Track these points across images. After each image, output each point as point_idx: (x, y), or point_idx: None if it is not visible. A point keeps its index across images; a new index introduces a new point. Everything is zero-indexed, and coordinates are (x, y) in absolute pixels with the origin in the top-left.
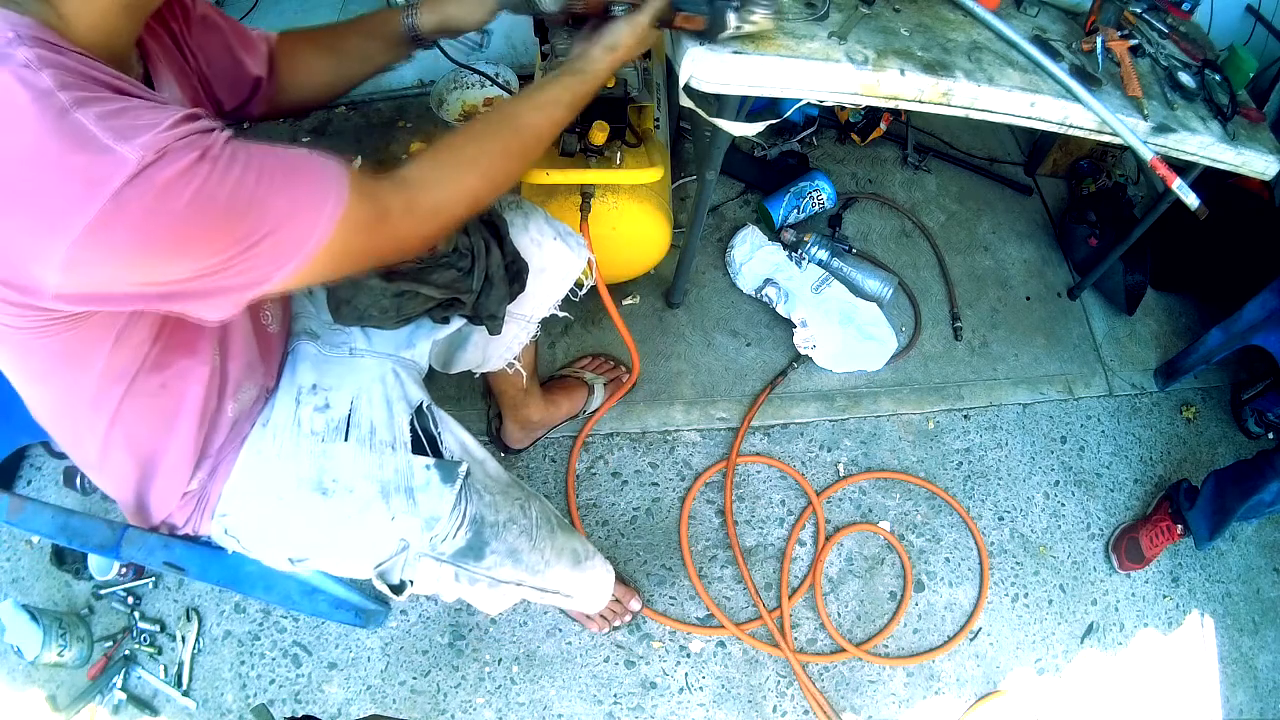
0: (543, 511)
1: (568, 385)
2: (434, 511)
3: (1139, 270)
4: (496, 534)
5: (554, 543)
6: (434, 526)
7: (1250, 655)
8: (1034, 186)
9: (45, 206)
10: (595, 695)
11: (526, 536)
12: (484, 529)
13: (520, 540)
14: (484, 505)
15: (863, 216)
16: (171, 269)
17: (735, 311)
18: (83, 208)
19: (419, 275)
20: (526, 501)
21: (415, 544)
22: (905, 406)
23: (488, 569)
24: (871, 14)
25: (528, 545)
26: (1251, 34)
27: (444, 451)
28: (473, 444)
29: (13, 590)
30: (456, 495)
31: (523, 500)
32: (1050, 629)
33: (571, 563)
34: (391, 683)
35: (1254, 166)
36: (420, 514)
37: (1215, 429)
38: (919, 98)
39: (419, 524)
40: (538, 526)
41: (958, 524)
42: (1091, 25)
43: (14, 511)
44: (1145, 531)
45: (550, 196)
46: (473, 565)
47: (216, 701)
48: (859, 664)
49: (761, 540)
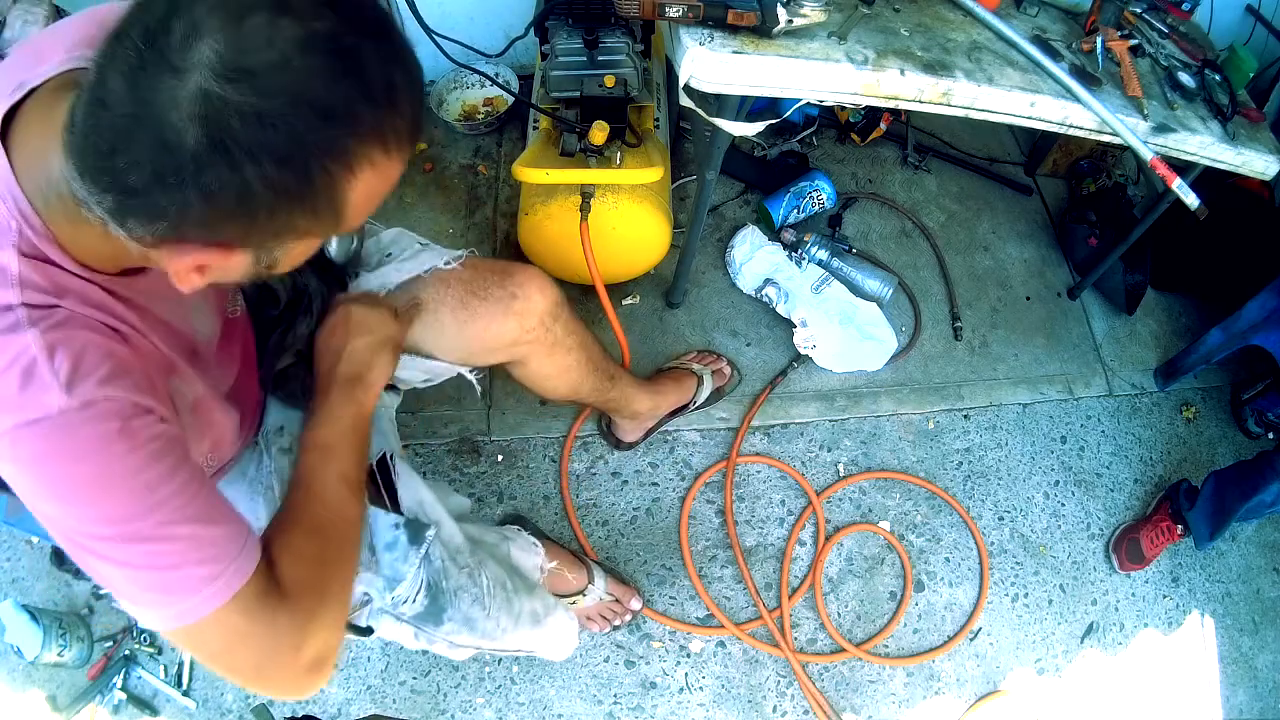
0: (496, 577)
1: (676, 375)
2: (397, 572)
3: (1139, 270)
4: (451, 602)
5: (510, 610)
6: (395, 587)
7: (1250, 655)
8: (1034, 186)
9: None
10: (595, 695)
11: (480, 605)
12: (439, 595)
13: (474, 609)
14: (434, 572)
15: (863, 216)
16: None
17: (735, 311)
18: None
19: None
20: (477, 569)
21: (376, 600)
22: (905, 406)
23: (446, 634)
24: (871, 14)
25: (482, 614)
26: (1251, 34)
27: (402, 508)
28: (430, 502)
29: (13, 590)
30: (421, 558)
31: (472, 568)
32: (1050, 629)
33: (531, 624)
34: (391, 683)
35: (1254, 166)
36: (382, 572)
37: (1215, 429)
38: (919, 98)
39: (380, 582)
40: (490, 595)
41: (958, 524)
42: (1091, 25)
43: (13, 511)
44: (1146, 532)
45: (550, 196)
46: (432, 629)
47: (216, 701)
48: (859, 664)
49: (761, 540)
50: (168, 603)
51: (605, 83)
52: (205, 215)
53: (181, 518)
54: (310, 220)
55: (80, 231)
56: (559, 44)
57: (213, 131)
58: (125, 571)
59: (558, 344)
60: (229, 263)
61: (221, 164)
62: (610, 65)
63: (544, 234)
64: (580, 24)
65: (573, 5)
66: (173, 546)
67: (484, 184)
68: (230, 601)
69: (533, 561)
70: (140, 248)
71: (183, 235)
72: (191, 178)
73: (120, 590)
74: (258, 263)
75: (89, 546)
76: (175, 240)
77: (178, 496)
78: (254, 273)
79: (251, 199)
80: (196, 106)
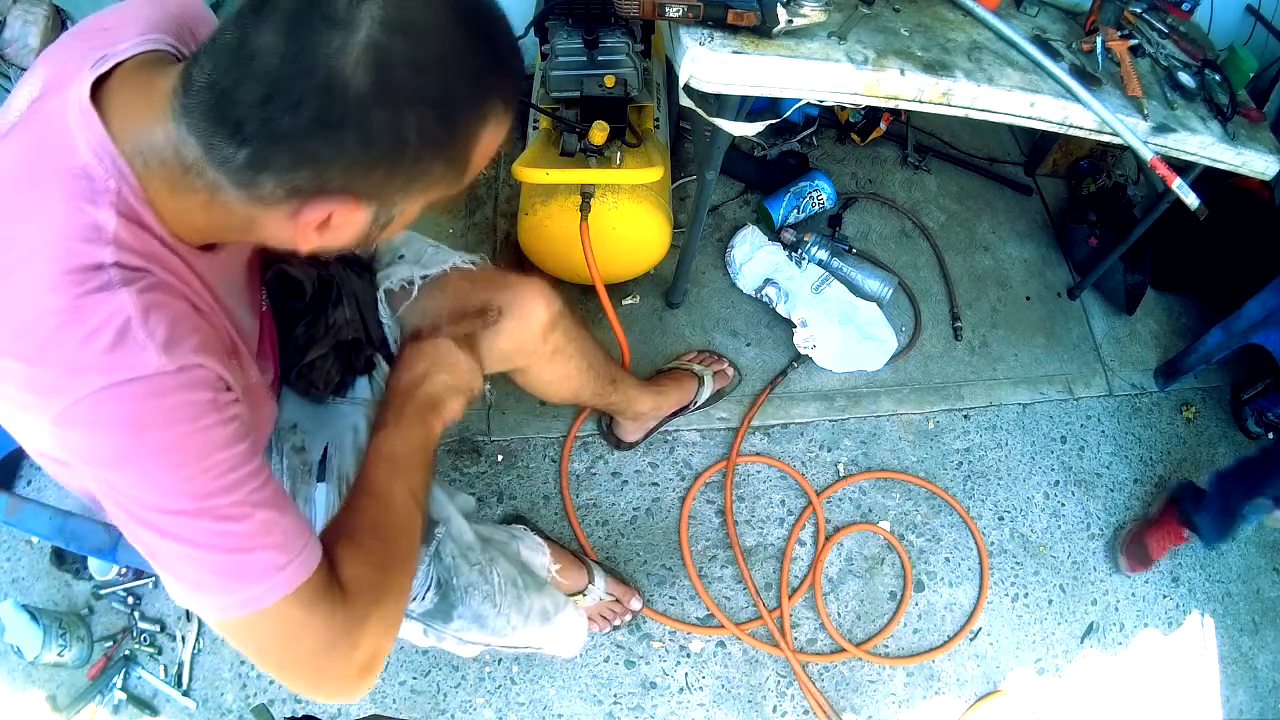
0: (507, 574)
1: (677, 376)
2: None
3: (1139, 270)
4: (461, 599)
5: (521, 607)
6: None
7: (1250, 655)
8: (1034, 186)
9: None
10: (595, 695)
11: (490, 603)
12: (449, 593)
13: (484, 606)
14: (444, 569)
15: (863, 216)
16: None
17: (735, 311)
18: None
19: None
20: (488, 566)
21: None
22: (905, 406)
23: (455, 631)
24: (871, 14)
25: (492, 611)
26: (1251, 34)
27: None
28: (440, 499)
29: (13, 590)
30: (431, 556)
31: (483, 565)
32: (1050, 629)
33: (541, 621)
34: (391, 683)
35: (1254, 166)
36: None
37: (1215, 429)
38: (919, 98)
39: None
40: (501, 592)
41: (958, 524)
42: (1091, 25)
43: (12, 511)
44: (1153, 535)
45: (550, 196)
46: (441, 626)
47: (216, 701)
48: (859, 664)
49: (761, 540)
50: (231, 588)
51: (605, 83)
52: (356, 160)
53: (258, 500)
54: (443, 169)
55: (178, 200)
56: (559, 44)
57: (380, 77)
58: (191, 551)
59: (558, 353)
60: (352, 218)
61: (385, 107)
62: (610, 65)
63: (544, 234)
64: (580, 24)
65: (573, 5)
66: (246, 528)
67: (484, 184)
68: (294, 592)
69: (540, 560)
70: (248, 212)
71: (322, 185)
72: (354, 121)
73: (179, 572)
74: (376, 220)
75: (155, 521)
76: (312, 192)
77: (255, 478)
78: (366, 235)
79: (403, 145)
80: (367, 55)
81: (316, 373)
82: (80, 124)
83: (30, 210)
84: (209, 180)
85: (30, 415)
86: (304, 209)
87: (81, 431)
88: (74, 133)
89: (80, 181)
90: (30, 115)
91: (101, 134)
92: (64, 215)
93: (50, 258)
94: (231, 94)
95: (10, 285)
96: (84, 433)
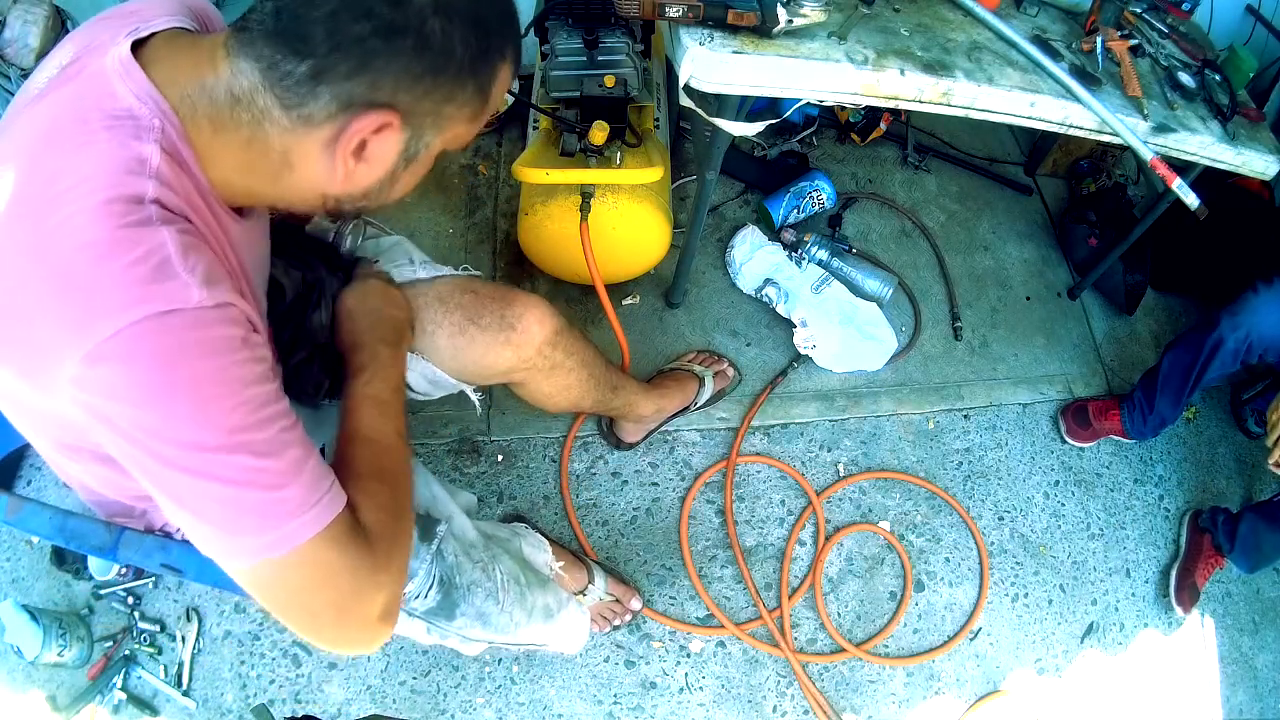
0: (510, 572)
1: (678, 377)
2: (408, 569)
3: (1139, 270)
4: (464, 597)
5: (524, 604)
6: (407, 584)
7: (1250, 655)
8: (1034, 186)
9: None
10: (595, 695)
11: (494, 600)
12: (453, 591)
13: (488, 604)
14: (446, 568)
15: (863, 216)
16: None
17: (735, 311)
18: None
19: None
20: (491, 564)
21: None
22: (905, 406)
23: (459, 629)
24: (871, 14)
25: (495, 609)
26: (1251, 34)
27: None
28: (443, 498)
29: (13, 590)
30: (433, 554)
31: (486, 563)
32: (1050, 629)
33: (544, 618)
34: (391, 683)
35: (1254, 166)
36: None
37: (1215, 429)
38: (919, 98)
39: None
40: (504, 589)
41: (958, 524)
42: (1091, 25)
43: (12, 511)
44: (1199, 571)
45: (550, 196)
46: (444, 624)
47: (216, 701)
48: (859, 664)
49: (761, 540)
50: (264, 527)
51: (605, 83)
52: (407, 68)
53: (288, 439)
54: (471, 94)
55: (220, 139)
56: (559, 44)
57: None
58: (224, 490)
59: (557, 367)
60: (387, 145)
61: (441, 18)
62: (610, 65)
63: (544, 234)
64: (580, 24)
65: (573, 5)
66: (279, 464)
67: (484, 184)
68: (325, 530)
69: (542, 558)
70: (286, 144)
71: (373, 96)
72: (414, 29)
73: (210, 515)
74: (406, 151)
75: (186, 462)
76: (362, 105)
77: (284, 418)
78: (393, 174)
79: (450, 58)
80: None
81: (304, 378)
82: (121, 74)
83: (76, 147)
84: (257, 110)
85: (48, 365)
86: (349, 126)
87: (117, 365)
88: (115, 83)
89: (125, 120)
90: (66, 76)
91: (145, 80)
92: (109, 149)
93: (94, 189)
94: (301, 12)
95: (53, 216)
96: (120, 366)
